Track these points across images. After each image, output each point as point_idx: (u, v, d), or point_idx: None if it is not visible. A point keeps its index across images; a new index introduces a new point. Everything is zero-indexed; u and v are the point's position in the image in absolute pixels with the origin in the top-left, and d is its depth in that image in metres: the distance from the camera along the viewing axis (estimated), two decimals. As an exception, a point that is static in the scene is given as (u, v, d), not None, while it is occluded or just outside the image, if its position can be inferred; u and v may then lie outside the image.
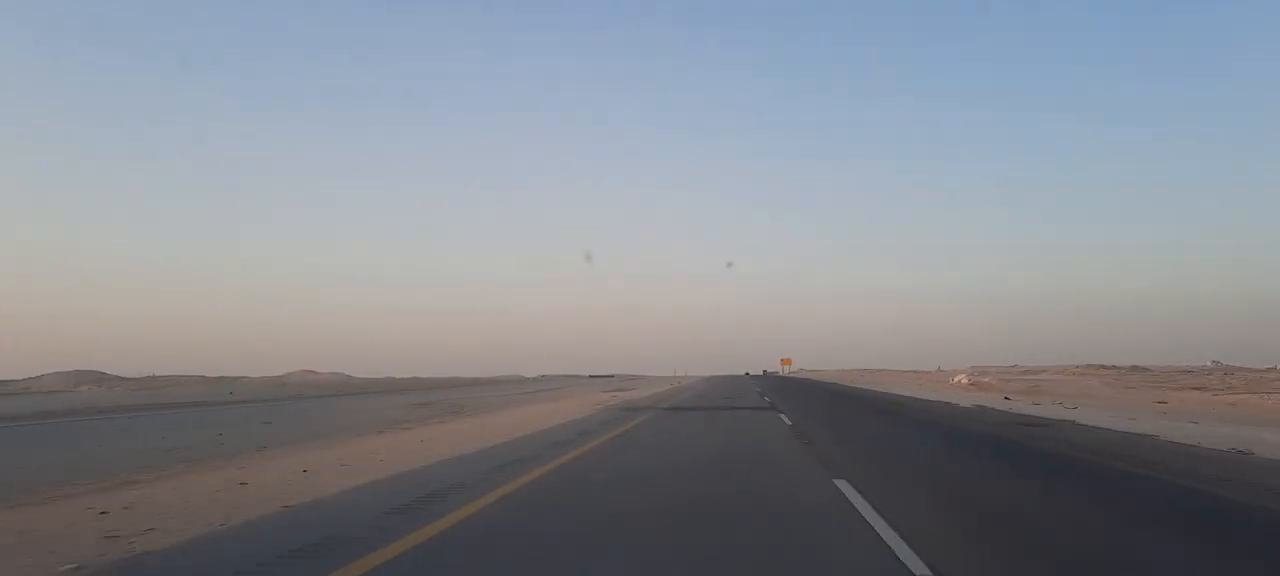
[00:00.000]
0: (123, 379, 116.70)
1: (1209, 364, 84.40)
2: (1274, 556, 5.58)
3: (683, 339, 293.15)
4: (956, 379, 62.12)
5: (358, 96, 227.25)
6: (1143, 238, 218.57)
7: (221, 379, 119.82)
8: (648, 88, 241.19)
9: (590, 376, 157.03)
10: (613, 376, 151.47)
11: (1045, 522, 6.70)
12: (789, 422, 17.89)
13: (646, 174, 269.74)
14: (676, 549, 5.51)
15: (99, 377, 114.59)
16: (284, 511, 7.37)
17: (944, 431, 16.43)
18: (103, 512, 7.58)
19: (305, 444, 16.52)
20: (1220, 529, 6.43)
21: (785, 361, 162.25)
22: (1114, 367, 77.09)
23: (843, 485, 8.11)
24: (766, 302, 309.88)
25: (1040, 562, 5.26)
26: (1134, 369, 74.69)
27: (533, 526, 6.59)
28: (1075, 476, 9.56)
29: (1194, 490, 8.09)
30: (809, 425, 17.28)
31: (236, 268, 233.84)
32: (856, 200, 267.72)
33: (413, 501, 7.55)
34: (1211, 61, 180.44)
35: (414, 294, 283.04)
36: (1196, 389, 37.62)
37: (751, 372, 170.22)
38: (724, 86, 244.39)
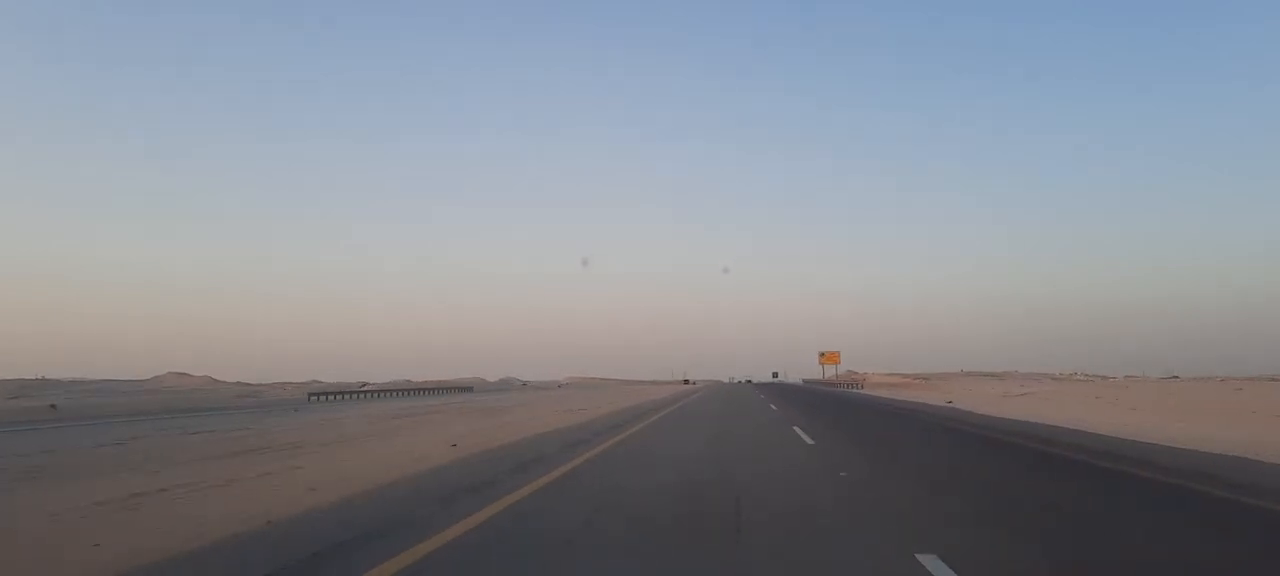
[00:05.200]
0: None
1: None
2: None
3: (681, 341, 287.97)
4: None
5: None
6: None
7: (41, 381, 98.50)
8: (645, 92, 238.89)
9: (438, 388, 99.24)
10: (468, 390, 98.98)
11: None
12: None
13: (635, 178, 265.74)
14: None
15: None
16: None
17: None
18: None
19: None
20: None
21: (830, 359, 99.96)
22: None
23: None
24: (767, 302, 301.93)
25: None
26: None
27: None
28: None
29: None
30: None
31: (100, 257, 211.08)
32: (858, 198, 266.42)
33: None
34: None
35: (335, 293, 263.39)
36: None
37: (754, 381, 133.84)
38: (729, 89, 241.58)
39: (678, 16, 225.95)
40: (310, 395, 74.85)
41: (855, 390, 66.77)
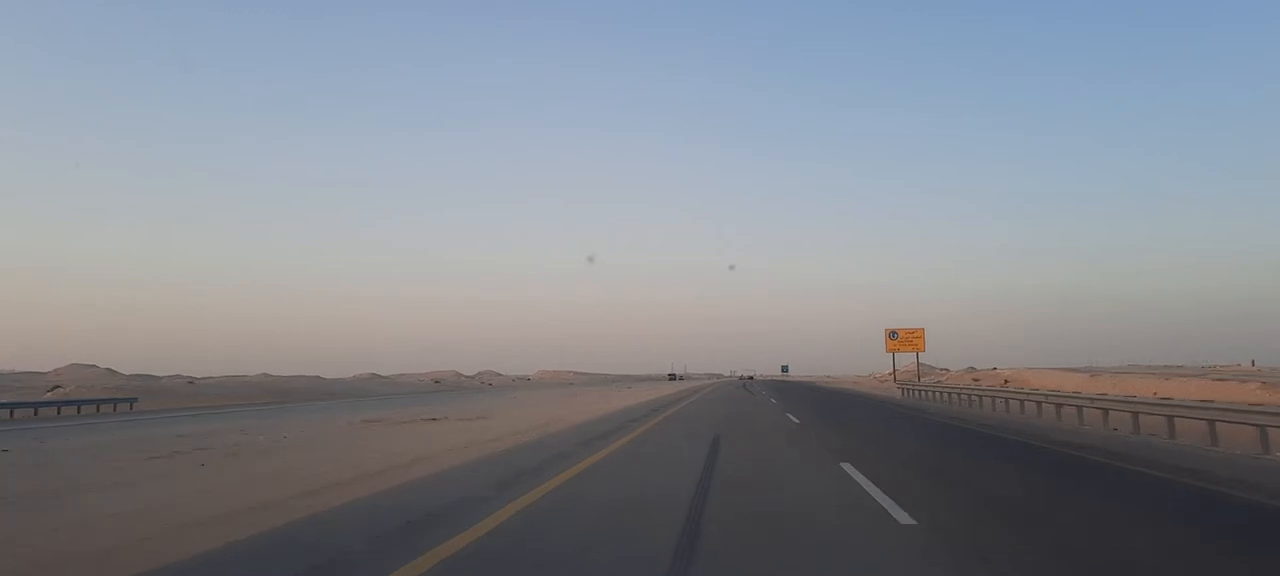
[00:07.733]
0: None
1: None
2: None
3: (681, 335, 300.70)
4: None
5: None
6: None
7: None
8: (651, 94, 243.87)
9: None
10: (132, 402, 46.40)
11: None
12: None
13: (634, 177, 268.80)
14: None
15: None
16: None
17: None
18: None
19: None
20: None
21: (907, 342, 66.24)
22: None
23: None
24: (769, 298, 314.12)
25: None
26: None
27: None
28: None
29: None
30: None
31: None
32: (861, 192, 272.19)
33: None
34: None
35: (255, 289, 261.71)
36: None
37: (759, 378, 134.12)
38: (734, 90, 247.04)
39: (678, 16, 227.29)
40: None
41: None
